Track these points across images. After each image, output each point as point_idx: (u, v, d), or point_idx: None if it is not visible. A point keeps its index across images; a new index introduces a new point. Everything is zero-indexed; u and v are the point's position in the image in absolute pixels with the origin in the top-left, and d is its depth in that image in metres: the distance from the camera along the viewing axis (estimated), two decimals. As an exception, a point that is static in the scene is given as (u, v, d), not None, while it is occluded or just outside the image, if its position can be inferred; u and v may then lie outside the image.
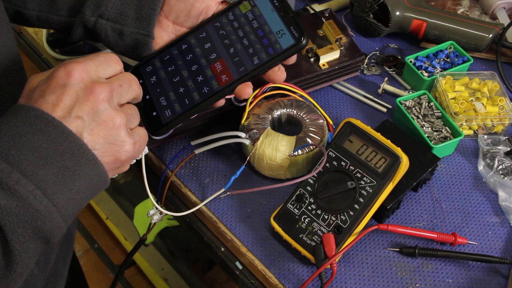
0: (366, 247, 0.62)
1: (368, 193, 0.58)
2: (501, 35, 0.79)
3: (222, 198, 0.66)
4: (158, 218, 0.66)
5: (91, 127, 0.40)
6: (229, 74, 0.55)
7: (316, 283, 0.59)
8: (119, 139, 0.42)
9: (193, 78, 0.56)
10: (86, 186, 0.39)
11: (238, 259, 0.64)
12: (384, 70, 0.82)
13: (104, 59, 0.43)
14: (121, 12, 0.55)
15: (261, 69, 0.55)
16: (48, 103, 0.39)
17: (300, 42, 0.54)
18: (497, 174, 0.67)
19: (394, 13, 0.81)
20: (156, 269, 1.56)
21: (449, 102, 0.71)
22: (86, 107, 0.39)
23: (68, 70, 0.40)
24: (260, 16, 0.56)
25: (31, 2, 0.57)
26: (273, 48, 0.54)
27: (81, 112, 0.39)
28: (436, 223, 0.64)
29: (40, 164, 0.37)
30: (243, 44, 0.56)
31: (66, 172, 0.38)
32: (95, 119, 0.40)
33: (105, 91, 0.40)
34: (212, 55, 0.56)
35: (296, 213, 0.60)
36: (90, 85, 0.40)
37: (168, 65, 0.57)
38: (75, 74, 0.40)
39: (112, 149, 0.41)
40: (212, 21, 0.58)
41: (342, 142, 0.62)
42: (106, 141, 0.41)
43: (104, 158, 0.41)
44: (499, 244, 0.62)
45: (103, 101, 0.40)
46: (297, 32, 0.54)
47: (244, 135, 0.66)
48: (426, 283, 0.59)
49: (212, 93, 0.55)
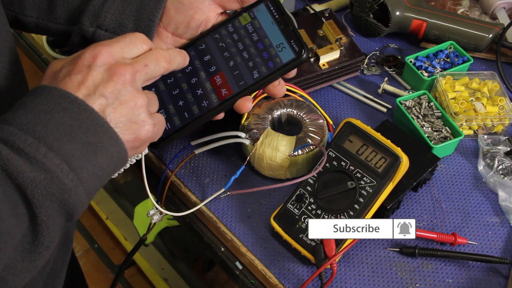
0: (366, 247, 0.62)
1: (368, 193, 0.58)
2: (501, 35, 0.79)
3: (222, 198, 0.66)
4: (158, 218, 0.66)
5: (114, 105, 0.41)
6: (229, 88, 0.55)
7: (316, 283, 0.59)
8: (140, 118, 0.43)
9: (193, 91, 0.55)
10: (108, 162, 0.40)
11: (238, 259, 0.64)
12: (384, 70, 0.82)
13: (130, 40, 0.44)
14: (119, 23, 0.55)
15: (261, 83, 0.54)
16: (73, 82, 0.40)
17: (300, 56, 0.52)
18: (497, 174, 0.67)
19: (394, 13, 0.81)
20: (156, 269, 1.56)
21: (449, 102, 0.71)
22: (109, 87, 0.41)
23: (94, 53, 0.42)
24: (260, 29, 0.55)
25: (29, 9, 0.57)
26: (273, 62, 0.54)
27: (105, 91, 0.41)
28: (436, 223, 0.64)
29: (66, 140, 0.38)
30: (243, 57, 0.55)
31: (90, 148, 0.39)
32: (118, 98, 0.41)
33: (128, 72, 0.42)
34: (211, 68, 0.56)
35: (296, 213, 0.60)
36: (114, 67, 0.42)
37: (167, 77, 0.56)
38: (100, 57, 0.41)
39: (133, 128, 0.43)
40: (211, 33, 0.57)
41: (342, 142, 0.62)
42: (128, 119, 0.42)
43: (126, 136, 0.42)
44: (499, 244, 0.62)
45: (126, 82, 0.42)
46: (297, 46, 0.53)
47: (244, 135, 0.66)
48: (426, 283, 0.59)
49: (212, 107, 0.55)
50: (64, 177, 0.37)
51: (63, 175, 0.37)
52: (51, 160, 0.37)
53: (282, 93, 0.56)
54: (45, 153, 0.37)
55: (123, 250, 1.66)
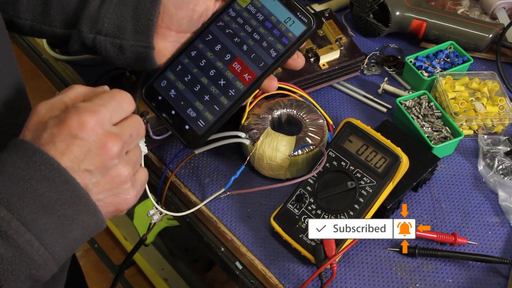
0: (366, 247, 0.62)
1: (368, 193, 0.58)
2: (501, 35, 0.79)
3: (222, 198, 0.66)
4: (158, 218, 0.66)
5: (98, 179, 0.40)
6: (251, 72, 0.54)
7: (316, 283, 0.59)
8: (123, 192, 0.42)
9: (215, 83, 0.55)
10: (82, 233, 0.39)
11: (238, 259, 0.64)
12: (384, 70, 0.82)
13: (118, 103, 0.42)
14: (118, 26, 0.54)
15: (281, 60, 0.54)
16: (57, 150, 0.38)
17: (311, 27, 0.53)
18: (497, 174, 0.67)
19: (394, 13, 0.81)
20: (156, 269, 1.56)
21: (449, 102, 0.71)
22: (96, 161, 0.39)
23: (81, 121, 0.38)
24: (263, 7, 0.55)
25: (23, 12, 0.56)
26: (287, 38, 0.54)
27: (91, 165, 0.39)
28: (436, 223, 0.64)
29: (41, 213, 0.37)
30: (254, 39, 0.55)
31: (66, 221, 0.38)
32: (103, 173, 0.40)
33: (117, 145, 0.40)
34: (226, 56, 0.55)
35: (296, 213, 0.60)
36: (103, 139, 0.39)
37: (183, 76, 0.56)
38: (88, 127, 0.39)
39: (115, 201, 0.42)
40: (215, 22, 0.56)
41: (342, 142, 0.62)
42: (111, 194, 0.41)
43: (106, 208, 0.41)
44: (499, 244, 0.62)
45: (114, 157, 0.40)
46: (305, 17, 0.53)
47: (244, 135, 0.66)
48: (426, 283, 0.59)
49: (240, 94, 0.54)
50: (34, 253, 0.36)
51: (33, 251, 0.36)
52: (22, 236, 0.36)
53: (303, 64, 0.56)
54: (17, 228, 0.36)
55: (123, 250, 1.66)
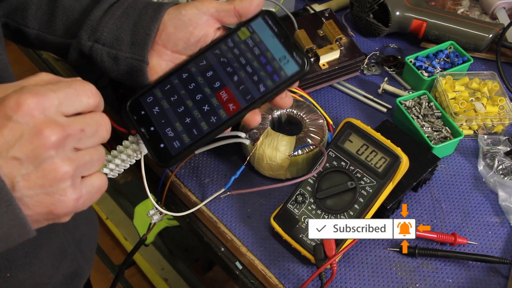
0: (366, 247, 0.62)
1: (368, 193, 0.58)
2: (501, 35, 0.79)
3: (222, 198, 0.66)
4: (158, 218, 0.66)
5: (28, 171, 0.34)
6: (236, 102, 0.54)
7: (316, 283, 0.59)
8: (59, 192, 0.35)
9: (199, 107, 0.55)
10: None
11: (238, 259, 0.64)
12: (384, 70, 0.82)
13: (76, 91, 0.36)
14: (117, 37, 0.55)
15: (268, 96, 0.54)
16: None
17: (304, 69, 0.53)
18: (497, 174, 0.67)
19: (394, 13, 0.81)
20: (156, 269, 1.56)
21: (449, 102, 0.71)
22: (26, 149, 0.33)
23: (19, 101, 0.33)
24: (261, 43, 0.55)
25: (31, 21, 0.57)
26: (278, 75, 0.54)
27: (20, 153, 0.33)
28: (436, 223, 0.64)
29: None
30: (246, 71, 0.55)
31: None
32: (35, 164, 0.34)
33: (56, 135, 0.34)
34: (216, 84, 0.55)
35: (296, 213, 0.60)
36: (40, 125, 0.34)
37: (170, 95, 0.56)
38: (25, 108, 0.33)
39: (47, 201, 0.35)
40: (211, 48, 0.57)
41: (342, 142, 0.62)
42: (43, 191, 0.35)
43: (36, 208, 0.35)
44: (499, 244, 0.62)
45: (50, 147, 0.34)
46: (300, 59, 0.53)
47: (244, 135, 0.66)
48: (426, 283, 0.59)
49: (221, 122, 0.54)
50: None
51: None
52: None
53: (290, 104, 0.56)
54: None
55: (123, 250, 1.66)
